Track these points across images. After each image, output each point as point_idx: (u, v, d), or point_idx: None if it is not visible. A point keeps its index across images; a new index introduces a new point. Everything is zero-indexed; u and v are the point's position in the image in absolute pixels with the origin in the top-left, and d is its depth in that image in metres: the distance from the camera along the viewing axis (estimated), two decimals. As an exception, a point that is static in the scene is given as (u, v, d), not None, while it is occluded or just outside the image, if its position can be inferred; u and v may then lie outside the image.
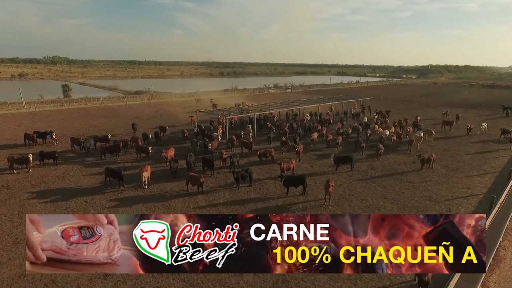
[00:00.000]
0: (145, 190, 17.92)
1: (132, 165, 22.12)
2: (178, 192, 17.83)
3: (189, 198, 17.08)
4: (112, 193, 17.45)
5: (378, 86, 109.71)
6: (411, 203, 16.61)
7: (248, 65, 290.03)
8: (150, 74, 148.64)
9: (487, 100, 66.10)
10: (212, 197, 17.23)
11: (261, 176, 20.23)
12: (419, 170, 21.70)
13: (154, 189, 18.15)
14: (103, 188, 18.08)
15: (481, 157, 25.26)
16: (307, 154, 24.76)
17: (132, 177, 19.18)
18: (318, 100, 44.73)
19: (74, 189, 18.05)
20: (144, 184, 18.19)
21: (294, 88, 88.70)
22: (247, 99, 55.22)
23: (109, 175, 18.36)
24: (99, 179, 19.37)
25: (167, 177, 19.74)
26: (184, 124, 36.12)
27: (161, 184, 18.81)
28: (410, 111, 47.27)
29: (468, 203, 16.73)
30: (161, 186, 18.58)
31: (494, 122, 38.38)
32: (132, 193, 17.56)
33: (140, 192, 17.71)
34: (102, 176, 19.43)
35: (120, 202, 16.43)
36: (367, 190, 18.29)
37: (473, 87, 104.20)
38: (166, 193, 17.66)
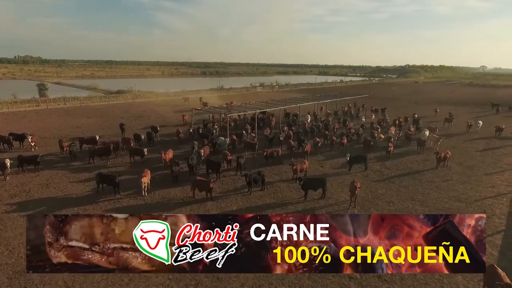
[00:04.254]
0: (145, 198, 15.77)
1: (126, 169, 19.85)
2: (183, 199, 15.80)
3: (197, 205, 15.10)
4: (107, 203, 15.18)
5: (362, 85, 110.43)
6: (442, 205, 15.34)
7: (229, 65, 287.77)
8: (130, 74, 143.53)
9: (471, 98, 67.35)
10: (223, 204, 15.31)
11: (271, 178, 18.46)
12: (435, 168, 20.64)
13: (156, 197, 16.02)
14: (96, 196, 15.76)
15: (491, 153, 24.59)
16: (315, 154, 23.17)
17: (128, 183, 16.95)
18: (315, 98, 43.43)
19: (61, 198, 15.62)
20: (143, 191, 16.02)
21: (281, 87, 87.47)
22: (236, 98, 53.46)
23: (102, 181, 16.06)
24: (89, 187, 17.01)
25: (168, 182, 17.63)
26: (176, 124, 33.79)
27: (162, 190, 16.68)
28: (402, 109, 46.87)
29: (499, 203, 15.65)
30: (162, 192, 16.46)
31: (486, 119, 38.28)
32: (131, 202, 15.37)
33: (139, 200, 15.55)
34: (92, 183, 17.12)
35: (118, 212, 14.16)
36: (390, 192, 16.92)
37: (453, 86, 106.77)
38: (169, 201, 15.58)
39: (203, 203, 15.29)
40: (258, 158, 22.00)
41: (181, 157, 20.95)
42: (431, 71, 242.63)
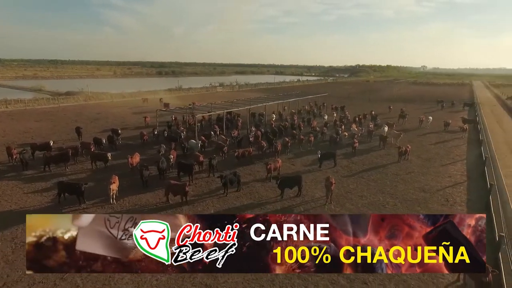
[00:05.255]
0: (114, 206, 14.74)
1: (87, 176, 18.42)
2: (156, 205, 15.01)
3: (172, 210, 14.41)
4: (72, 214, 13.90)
5: (318, 84, 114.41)
6: (409, 196, 16.27)
7: (185, 65, 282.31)
8: (79, 74, 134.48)
9: (417, 96, 72.87)
10: (200, 207, 14.80)
11: (245, 179, 18.20)
12: (397, 162, 21.88)
13: (126, 204, 15.04)
14: (58, 208, 14.38)
15: (443, 146, 26.70)
16: (284, 153, 23.35)
17: (92, 192, 15.72)
18: (279, 97, 43.89)
19: (16, 212, 14.03)
20: (112, 198, 14.96)
21: (241, 87, 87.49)
22: (197, 99, 52.43)
23: (63, 190, 14.70)
24: (48, 197, 15.51)
25: (137, 188, 16.66)
26: (137, 126, 32.22)
27: (132, 197, 15.71)
28: (359, 107, 49.19)
29: (458, 191, 16.98)
30: (133, 199, 15.50)
31: (434, 114, 41.47)
32: (99, 211, 14.27)
33: (108, 209, 14.49)
34: (52, 193, 15.70)
35: (86, 223, 13.06)
36: (361, 186, 17.58)
37: (401, 85, 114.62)
38: (142, 208, 14.72)
39: (178, 208, 14.65)
40: (229, 159, 21.67)
41: (148, 161, 19.92)
42: (379, 71, 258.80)
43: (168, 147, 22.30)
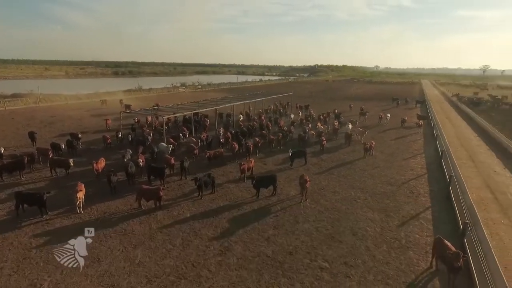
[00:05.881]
0: (82, 215, 13.78)
1: (46, 185, 17.07)
2: (128, 212, 14.28)
3: (146, 217, 13.80)
4: (33, 226, 12.80)
5: (280, 84, 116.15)
6: (378, 190, 17.06)
7: (143, 65, 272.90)
8: (25, 75, 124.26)
9: (374, 94, 76.83)
10: (175, 212, 14.32)
11: (218, 180, 17.91)
12: (363, 157, 22.85)
13: (94, 212, 14.14)
14: (16, 221, 13.14)
15: (402, 141, 28.38)
16: (254, 154, 23.33)
17: (55, 201, 14.60)
18: (245, 97, 43.78)
19: (-33, 228, 12.60)
20: (78, 207, 13.98)
21: (204, 87, 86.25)
22: (159, 100, 50.87)
23: (22, 202, 13.48)
24: (3, 210, 14.12)
25: (105, 195, 15.73)
26: (97, 130, 30.47)
27: (100, 204, 14.80)
28: (322, 106, 50.70)
29: (421, 183, 18.12)
30: (101, 207, 14.61)
31: (390, 111, 43.77)
32: (65, 222, 13.26)
33: (76, 219, 13.51)
34: (8, 205, 14.39)
35: (53, 236, 12.08)
36: (333, 182, 18.11)
37: (358, 84, 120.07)
38: (112, 216, 13.91)
39: (152, 214, 14.06)
40: (200, 161, 21.24)
41: (114, 166, 18.95)
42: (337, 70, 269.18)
43: (135, 151, 21.28)
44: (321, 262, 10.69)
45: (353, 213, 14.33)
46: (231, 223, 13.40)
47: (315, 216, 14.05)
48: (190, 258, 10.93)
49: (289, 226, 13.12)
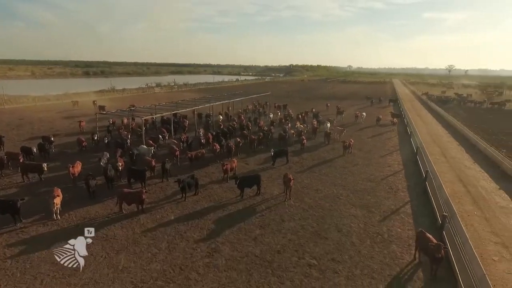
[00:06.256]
0: (59, 222, 13.17)
1: (19, 191, 16.19)
2: (108, 216, 13.81)
3: (128, 221, 13.40)
4: (7, 235, 12.08)
5: (257, 83, 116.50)
6: (359, 186, 17.51)
7: (115, 65, 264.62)
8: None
9: (349, 93, 78.77)
10: (158, 215, 14.00)
11: (201, 181, 17.61)
12: (343, 155, 23.36)
13: (73, 218, 13.56)
14: (-13, 230, 12.37)
15: (378, 139, 29.29)
16: (236, 154, 23.25)
17: (29, 208, 13.86)
18: (224, 97, 43.46)
19: None
20: (55, 214, 13.36)
21: (180, 87, 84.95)
22: (134, 100, 49.70)
23: (-7, 210, 12.70)
24: (-28, 219, 13.23)
25: (84, 200, 15.13)
26: (70, 133, 29.27)
27: (79, 210, 14.22)
28: (299, 105, 51.35)
29: (398, 179, 18.79)
30: (80, 212, 14.04)
31: (365, 110, 45.09)
32: (41, 230, 12.61)
33: (52, 226, 12.90)
34: (-24, 214, 13.40)
35: (29, 245, 11.45)
36: (315, 180, 18.39)
37: (333, 83, 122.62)
38: (92, 221, 13.40)
39: (135, 218, 13.67)
40: (181, 162, 20.89)
41: (90, 170, 18.21)
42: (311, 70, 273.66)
43: (113, 154, 20.58)
44: (309, 259, 10.83)
45: (336, 210, 14.62)
46: (217, 224, 13.29)
47: (300, 214, 14.21)
48: (177, 261, 10.73)
49: (275, 225, 13.19)
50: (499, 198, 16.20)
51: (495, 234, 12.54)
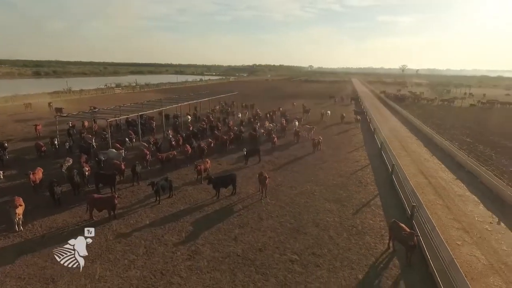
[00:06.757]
0: (22, 233, 12.23)
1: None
2: (78, 225, 13.06)
3: (100, 228, 12.73)
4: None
5: (222, 83, 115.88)
6: (331, 182, 18.10)
7: (68, 64, 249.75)
8: None
9: (313, 92, 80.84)
10: (132, 220, 13.49)
11: (175, 183, 17.18)
12: (312, 153, 24.00)
13: (38, 229, 12.66)
14: None
15: (344, 136, 30.46)
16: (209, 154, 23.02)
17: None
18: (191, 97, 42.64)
19: None
20: (17, 225, 12.38)
21: (142, 87, 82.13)
22: (94, 102, 47.39)
23: None
24: None
25: (49, 209, 14.18)
26: (25, 137, 27.19)
27: (44, 219, 13.30)
28: (266, 104, 51.75)
29: (366, 173, 19.68)
30: (46, 222, 13.14)
31: (329, 108, 46.62)
32: (3, 242, 11.65)
33: (15, 238, 11.96)
34: None
35: (-12, 260, 10.52)
36: (288, 178, 18.70)
37: (296, 83, 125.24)
38: (60, 230, 12.60)
39: (107, 224, 13.05)
40: (152, 165, 20.27)
41: (53, 177, 17.06)
42: (274, 70, 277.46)
43: (77, 159, 19.39)
44: (290, 255, 11.04)
45: (312, 206, 15.01)
46: (195, 226, 13.08)
47: (278, 211, 14.41)
48: (157, 266, 10.43)
49: (254, 224, 13.26)
50: (456, 187, 17.59)
51: (457, 221, 13.62)
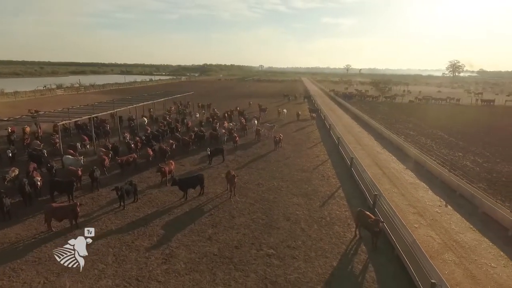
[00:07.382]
0: (-32, 252, 10.92)
1: None
2: (35, 237, 12.02)
3: (61, 239, 11.80)
4: None
5: (173, 83, 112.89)
6: (295, 177, 18.72)
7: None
8: None
9: (266, 91, 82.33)
10: (96, 228, 12.58)
11: (138, 187, 16.45)
12: (274, 150, 24.56)
13: (-13, 245, 11.38)
14: None
15: (302, 132, 31.59)
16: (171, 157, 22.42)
17: None
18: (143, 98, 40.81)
19: None
20: (-39, 243, 11.02)
21: (87, 88, 76.90)
22: (33, 105, 43.54)
23: None
24: None
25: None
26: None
27: (-7, 234, 11.99)
28: (221, 104, 51.54)
29: (327, 167, 20.68)
30: (-5, 237, 11.86)
31: (285, 106, 47.87)
32: None
33: (-40, 258, 10.62)
34: None
35: None
36: (254, 176, 18.96)
37: (249, 82, 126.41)
38: (14, 245, 11.49)
39: (68, 234, 12.08)
40: (111, 170, 19.22)
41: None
42: (225, 69, 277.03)
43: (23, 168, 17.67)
44: (267, 250, 11.28)
45: (281, 201, 15.43)
46: (165, 229, 12.75)
47: (248, 209, 14.58)
48: (131, 273, 10.01)
49: (226, 222, 13.29)
50: (407, 176, 19.27)
51: (412, 206, 14.97)
